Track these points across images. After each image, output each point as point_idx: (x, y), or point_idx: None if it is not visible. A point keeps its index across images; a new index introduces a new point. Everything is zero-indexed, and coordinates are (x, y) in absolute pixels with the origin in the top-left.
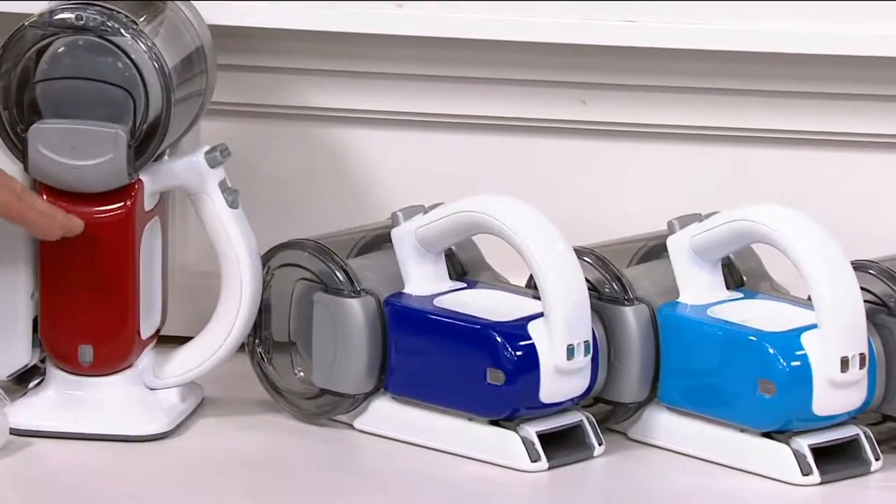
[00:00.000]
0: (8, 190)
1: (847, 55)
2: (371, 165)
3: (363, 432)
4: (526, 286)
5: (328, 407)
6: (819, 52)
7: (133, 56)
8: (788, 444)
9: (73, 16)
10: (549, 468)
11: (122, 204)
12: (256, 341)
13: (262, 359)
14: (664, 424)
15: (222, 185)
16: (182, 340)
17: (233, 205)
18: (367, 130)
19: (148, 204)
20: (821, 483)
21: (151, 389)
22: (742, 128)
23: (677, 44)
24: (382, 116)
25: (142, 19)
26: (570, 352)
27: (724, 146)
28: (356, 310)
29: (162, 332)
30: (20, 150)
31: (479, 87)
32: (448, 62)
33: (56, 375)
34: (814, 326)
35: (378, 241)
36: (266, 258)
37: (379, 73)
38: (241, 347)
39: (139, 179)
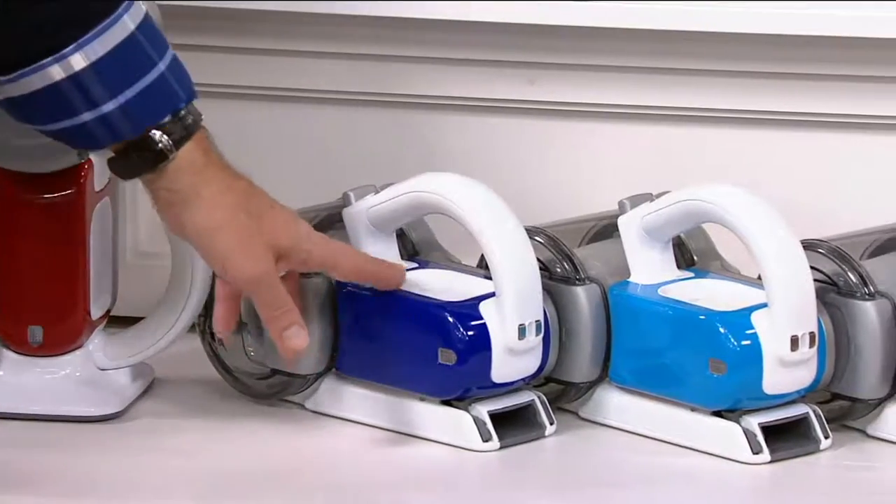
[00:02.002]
0: (354, 255)
1: (803, 35)
2: (322, 145)
3: (314, 412)
4: (477, 266)
5: (279, 387)
6: (773, 32)
7: None
8: (739, 422)
9: None
10: (501, 448)
11: (72, 184)
12: (207, 321)
13: (213, 339)
14: (615, 404)
15: None
16: (132, 321)
17: None
18: (318, 110)
19: (98, 184)
20: (771, 461)
21: (102, 370)
22: (692, 107)
23: (627, 23)
24: (333, 96)
25: None
26: (522, 331)
27: (675, 126)
28: (308, 290)
29: (112, 313)
30: None
31: (429, 67)
32: (400, 42)
33: (6, 356)
34: (764, 305)
35: (330, 220)
36: None
37: (331, 53)
38: (192, 327)
39: (89, 159)
